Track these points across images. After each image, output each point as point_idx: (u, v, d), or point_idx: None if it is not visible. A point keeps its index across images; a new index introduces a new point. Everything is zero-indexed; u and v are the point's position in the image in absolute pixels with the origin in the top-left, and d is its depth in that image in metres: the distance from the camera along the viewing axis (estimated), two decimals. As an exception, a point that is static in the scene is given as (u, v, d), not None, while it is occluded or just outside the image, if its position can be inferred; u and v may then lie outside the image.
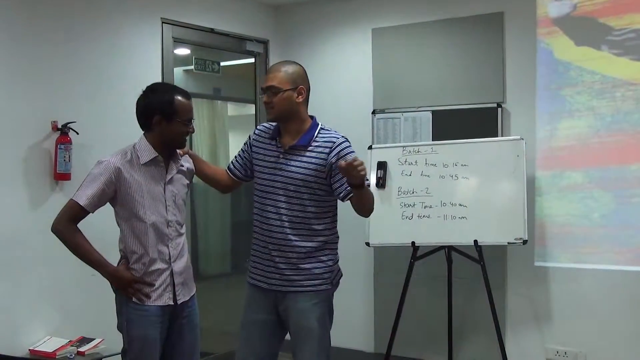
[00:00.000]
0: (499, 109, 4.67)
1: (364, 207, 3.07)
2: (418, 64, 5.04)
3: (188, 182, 3.12)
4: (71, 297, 4.03)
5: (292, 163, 3.03)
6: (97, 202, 2.86)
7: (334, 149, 3.02)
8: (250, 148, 3.22)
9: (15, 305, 3.81)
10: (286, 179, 3.03)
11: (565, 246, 4.51)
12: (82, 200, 2.83)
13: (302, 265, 3.05)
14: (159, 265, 2.93)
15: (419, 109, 4.96)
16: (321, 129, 3.11)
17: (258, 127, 3.28)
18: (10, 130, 3.79)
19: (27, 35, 3.88)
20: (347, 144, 3.07)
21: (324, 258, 3.11)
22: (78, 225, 2.89)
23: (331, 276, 3.14)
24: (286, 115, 3.06)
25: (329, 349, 3.19)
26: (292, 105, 3.05)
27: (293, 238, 3.04)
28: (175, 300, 2.97)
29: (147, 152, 2.92)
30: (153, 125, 2.91)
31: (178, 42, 4.85)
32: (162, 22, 4.66)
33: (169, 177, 2.98)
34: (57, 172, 3.94)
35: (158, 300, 2.92)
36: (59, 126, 3.94)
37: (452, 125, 4.82)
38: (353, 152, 3.06)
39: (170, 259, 2.96)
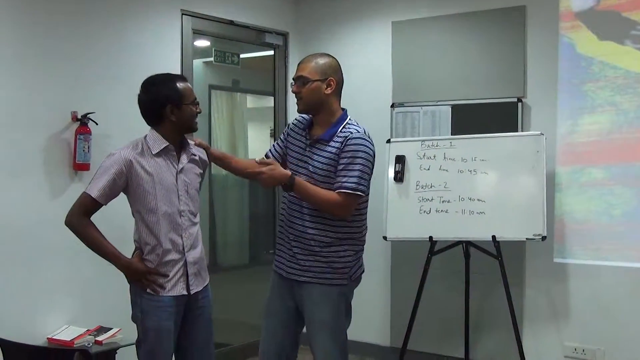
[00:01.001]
0: (520, 104, 4.63)
1: (317, 207, 3.04)
2: (438, 57, 5.00)
3: (201, 171, 3.14)
4: (89, 286, 4.06)
5: (315, 157, 3.08)
6: (109, 194, 2.88)
7: (344, 141, 3.03)
8: (287, 138, 3.27)
9: (34, 294, 3.85)
10: (309, 172, 3.08)
11: (585, 243, 4.47)
12: (94, 193, 2.85)
13: (319, 257, 3.08)
14: (173, 255, 2.95)
15: (439, 103, 4.93)
16: (348, 123, 3.11)
17: (296, 117, 3.31)
18: (31, 121, 3.82)
19: (47, 27, 3.90)
20: (360, 139, 3.03)
21: (342, 252, 3.11)
22: (92, 219, 2.91)
23: (349, 271, 3.14)
24: (315, 106, 3.09)
25: (344, 343, 3.20)
26: (320, 97, 3.08)
27: (311, 230, 3.08)
28: (188, 290, 2.99)
29: (158, 142, 2.95)
30: (166, 116, 2.94)
31: (198, 33, 4.85)
32: (182, 14, 4.66)
33: (180, 166, 2.99)
34: (77, 162, 3.97)
35: (172, 291, 2.94)
36: (79, 117, 3.97)
37: (471, 119, 4.79)
38: (360, 147, 3.02)
39: (184, 249, 2.98)
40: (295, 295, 3.16)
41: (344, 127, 3.09)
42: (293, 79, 3.15)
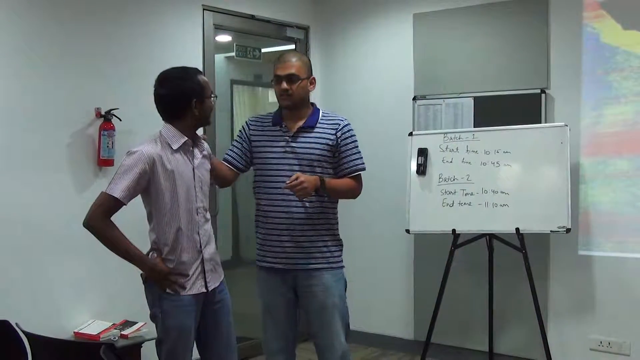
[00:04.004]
0: (543, 95, 4.58)
1: (343, 198, 3.32)
2: (460, 49, 4.97)
3: (209, 166, 3.11)
4: (115, 280, 4.09)
5: (302, 143, 3.20)
6: (132, 194, 2.81)
7: (339, 129, 3.23)
8: (249, 139, 3.31)
9: (60, 289, 3.90)
10: (300, 160, 3.18)
11: (610, 235, 4.43)
12: (118, 193, 2.76)
13: (323, 243, 3.23)
14: (191, 253, 2.93)
15: (461, 95, 4.90)
16: (323, 112, 3.31)
17: (249, 119, 3.38)
18: (55, 118, 3.86)
19: (70, 24, 3.93)
20: (350, 125, 3.28)
21: (338, 235, 3.32)
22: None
23: (341, 254, 3.33)
24: (300, 102, 3.23)
25: (348, 325, 3.32)
26: (306, 94, 3.24)
27: (314, 216, 3.20)
28: (207, 287, 2.98)
29: (177, 138, 2.90)
30: (189, 110, 2.90)
31: (219, 28, 4.87)
32: (204, 9, 4.68)
33: (196, 162, 2.97)
34: (101, 158, 4.00)
35: (191, 290, 2.92)
36: (103, 113, 4.00)
37: (494, 111, 4.75)
38: (353, 131, 3.28)
39: (200, 246, 2.96)
40: (298, 286, 3.24)
41: (322, 114, 3.27)
42: (278, 75, 3.20)
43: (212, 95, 3.02)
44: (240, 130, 3.37)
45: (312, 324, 3.27)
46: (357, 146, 3.27)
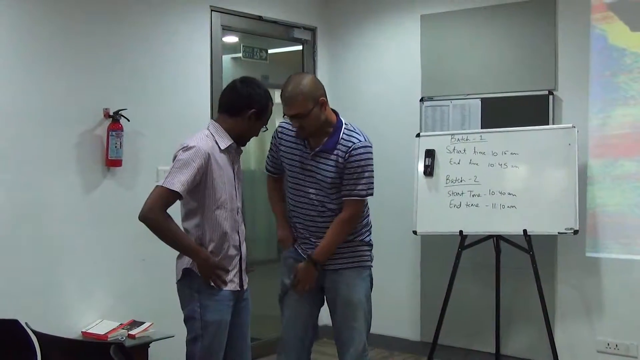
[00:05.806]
0: (551, 97, 4.58)
1: (344, 239, 3.26)
2: (467, 50, 4.96)
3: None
4: (122, 280, 4.11)
5: (320, 166, 3.17)
6: (188, 188, 2.81)
7: (348, 151, 3.12)
8: (278, 148, 3.33)
9: (68, 289, 3.90)
10: (316, 181, 3.18)
11: (618, 237, 4.41)
12: (178, 187, 2.76)
13: (346, 244, 3.24)
14: (232, 251, 2.99)
15: (468, 97, 4.90)
16: (345, 129, 3.18)
17: (281, 125, 3.35)
18: (64, 118, 3.87)
19: (79, 25, 3.94)
20: (362, 148, 3.13)
21: (366, 239, 3.32)
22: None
23: (371, 254, 3.34)
24: (317, 128, 3.16)
25: (370, 323, 3.35)
26: (320, 120, 3.14)
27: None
28: (242, 285, 3.04)
29: (226, 139, 2.96)
30: (244, 115, 2.95)
31: (226, 30, 4.87)
32: (211, 10, 4.69)
33: (236, 165, 3.03)
34: (109, 158, 4.01)
35: (230, 285, 2.97)
36: (111, 113, 4.01)
37: (501, 113, 4.74)
38: (364, 155, 3.13)
39: (240, 244, 3.03)
40: (325, 283, 3.28)
41: (343, 133, 3.17)
42: (287, 115, 3.18)
43: (265, 126, 3.07)
44: (273, 137, 3.38)
45: (336, 320, 3.30)
46: (364, 171, 3.13)
